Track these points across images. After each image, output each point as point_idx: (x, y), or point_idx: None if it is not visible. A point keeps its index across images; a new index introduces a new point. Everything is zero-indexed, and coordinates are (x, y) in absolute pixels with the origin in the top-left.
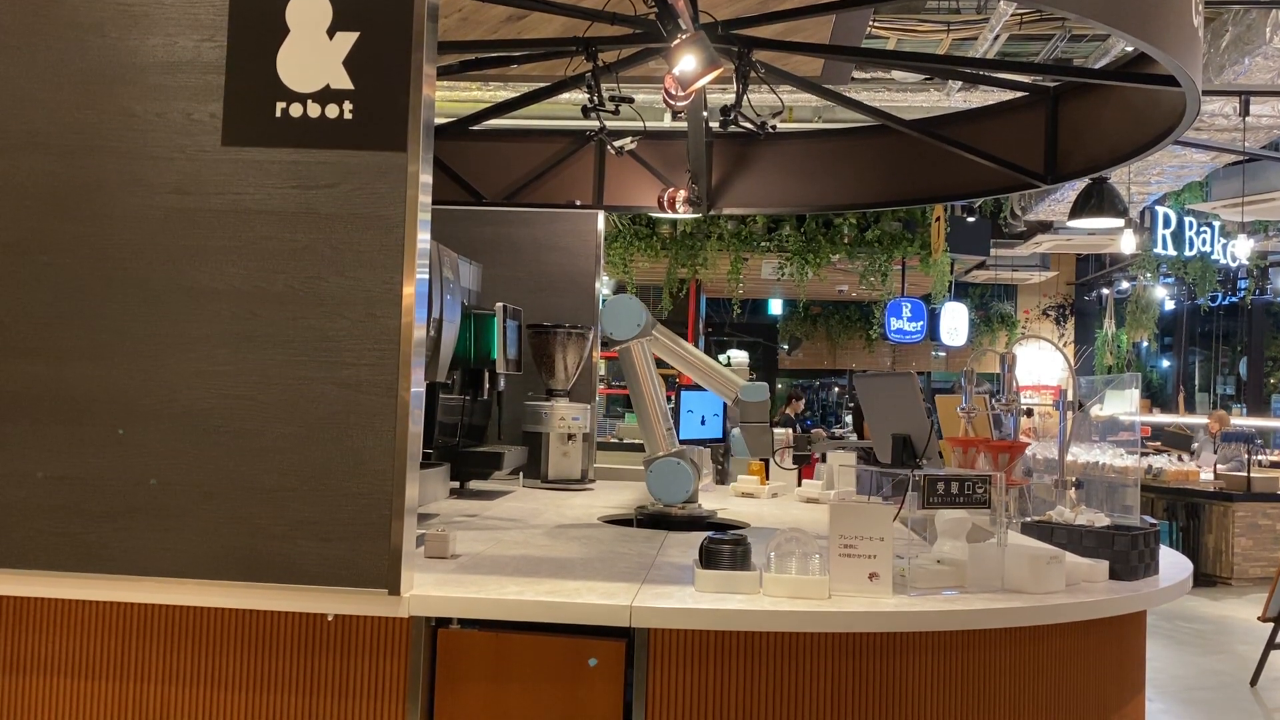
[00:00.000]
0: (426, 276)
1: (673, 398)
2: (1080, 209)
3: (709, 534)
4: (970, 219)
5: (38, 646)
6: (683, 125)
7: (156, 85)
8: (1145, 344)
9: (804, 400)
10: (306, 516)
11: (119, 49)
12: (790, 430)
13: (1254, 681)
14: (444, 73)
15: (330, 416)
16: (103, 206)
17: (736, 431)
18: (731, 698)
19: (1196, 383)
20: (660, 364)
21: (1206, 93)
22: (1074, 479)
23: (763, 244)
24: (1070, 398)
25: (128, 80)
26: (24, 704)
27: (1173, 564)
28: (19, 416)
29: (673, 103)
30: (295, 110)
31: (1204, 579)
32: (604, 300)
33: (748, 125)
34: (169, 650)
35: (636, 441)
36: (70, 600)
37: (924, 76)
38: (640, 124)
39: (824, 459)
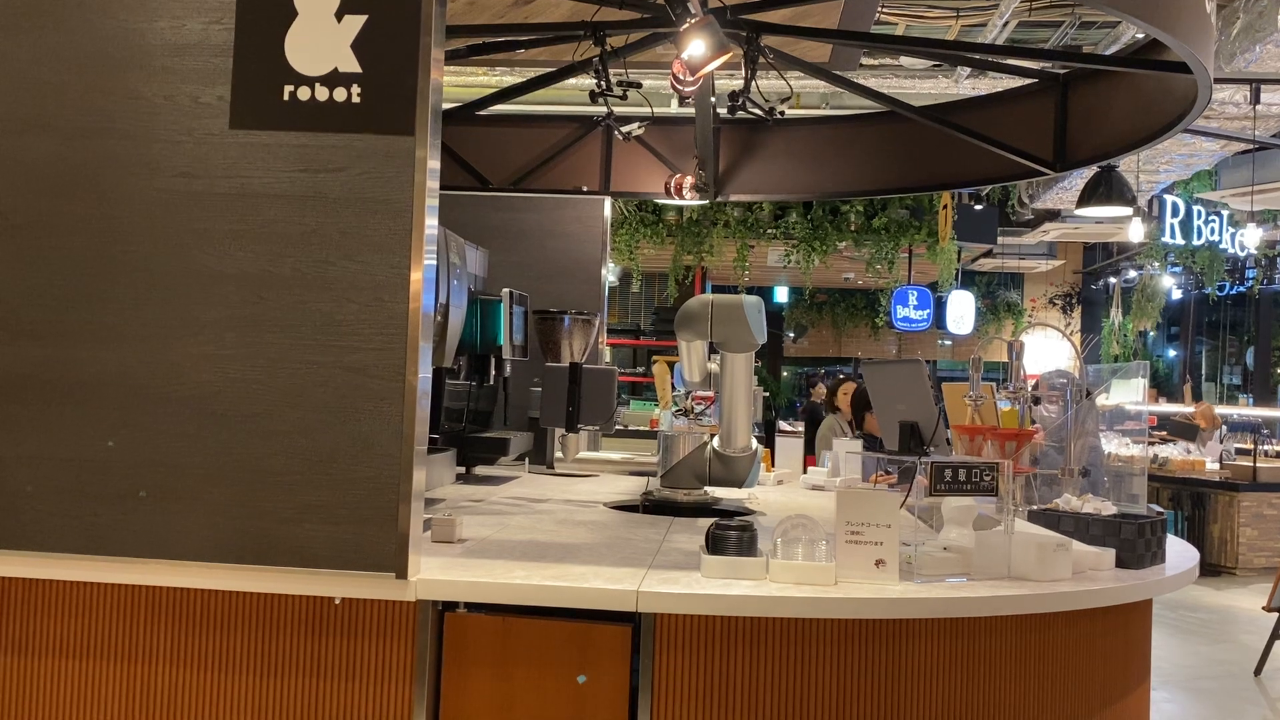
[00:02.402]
0: (434, 262)
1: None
2: (1088, 197)
3: (715, 520)
4: (977, 207)
5: (46, 628)
6: (690, 111)
7: (164, 68)
8: (1151, 333)
9: (823, 387)
10: (314, 500)
11: (126, 31)
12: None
13: (1258, 671)
14: (451, 57)
15: (338, 400)
16: (110, 189)
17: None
18: (737, 683)
19: (1203, 372)
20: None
21: (1217, 80)
22: (1080, 467)
23: (769, 231)
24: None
25: (135, 63)
26: (32, 686)
27: (1179, 553)
28: (27, 398)
29: (681, 88)
30: (303, 93)
31: (1209, 569)
32: (745, 304)
33: (756, 111)
34: (176, 633)
35: (640, 429)
36: (78, 582)
37: (932, 63)
38: (648, 110)
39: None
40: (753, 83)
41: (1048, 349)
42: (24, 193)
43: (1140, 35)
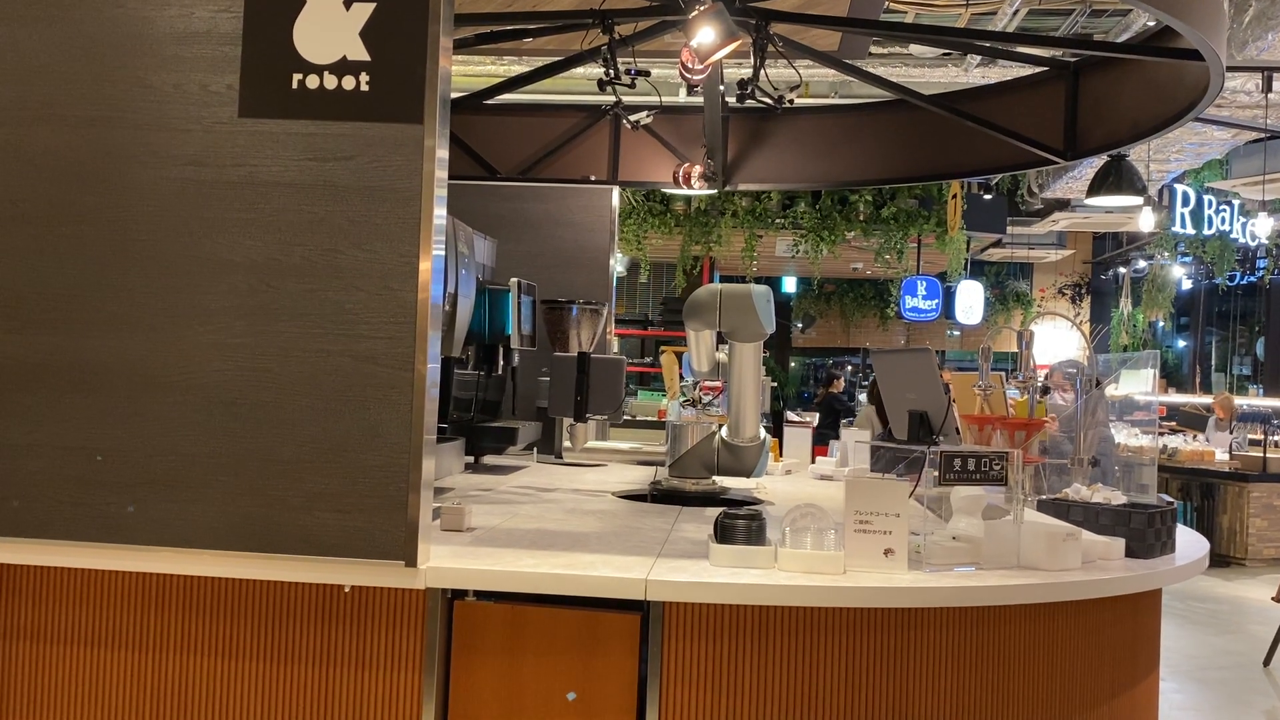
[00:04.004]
0: (443, 251)
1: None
2: (1098, 186)
3: (723, 509)
4: (987, 196)
5: (57, 616)
6: (699, 100)
7: (173, 57)
8: (1161, 323)
9: (842, 380)
10: (324, 488)
11: (135, 20)
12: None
13: (1267, 662)
14: (459, 46)
15: (347, 389)
16: (119, 179)
17: None
18: (746, 671)
19: (1213, 363)
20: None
21: (1228, 69)
22: (1090, 457)
23: (777, 221)
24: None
25: (144, 52)
26: (44, 673)
27: (1189, 542)
28: (38, 388)
29: (689, 76)
30: (312, 82)
31: (1218, 559)
32: (753, 293)
33: (764, 100)
34: (187, 620)
35: (648, 419)
36: (89, 570)
37: (942, 51)
38: (656, 98)
39: (838, 436)
40: (762, 71)
41: (1057, 339)
42: (33, 182)
43: (1152, 23)
